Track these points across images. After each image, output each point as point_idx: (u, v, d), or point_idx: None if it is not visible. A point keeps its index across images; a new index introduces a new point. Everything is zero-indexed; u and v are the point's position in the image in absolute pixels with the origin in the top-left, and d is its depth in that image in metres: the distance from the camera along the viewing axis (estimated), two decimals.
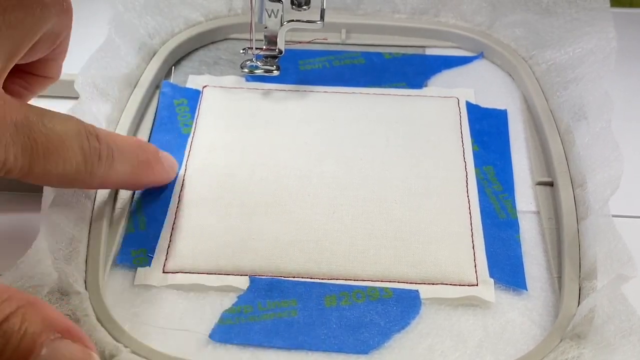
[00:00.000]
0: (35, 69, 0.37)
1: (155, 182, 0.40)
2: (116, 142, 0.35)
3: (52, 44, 0.35)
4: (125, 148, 0.36)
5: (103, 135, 0.34)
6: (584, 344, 0.33)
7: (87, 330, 0.33)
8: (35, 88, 0.39)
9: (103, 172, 0.34)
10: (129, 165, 0.36)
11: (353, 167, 0.43)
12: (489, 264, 0.38)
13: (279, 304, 0.36)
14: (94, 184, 0.34)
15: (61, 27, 0.35)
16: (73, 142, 0.31)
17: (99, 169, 0.33)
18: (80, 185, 0.34)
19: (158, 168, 0.39)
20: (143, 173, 0.38)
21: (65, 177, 0.32)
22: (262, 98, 0.48)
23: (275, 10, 0.45)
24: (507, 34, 0.52)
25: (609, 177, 0.38)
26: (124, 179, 0.36)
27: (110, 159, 0.34)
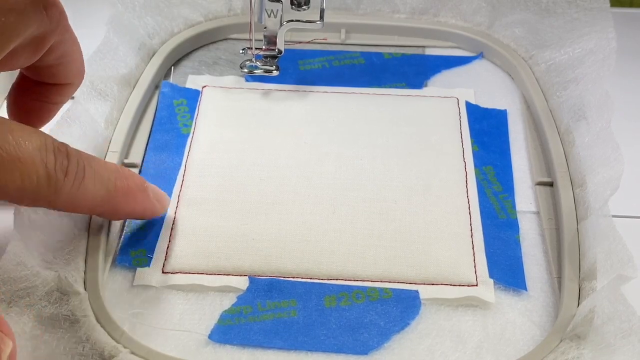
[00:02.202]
0: (44, 77, 0.36)
1: (137, 212, 0.37)
2: (91, 163, 0.32)
3: (36, 49, 0.33)
4: (101, 170, 0.33)
5: (75, 153, 0.31)
6: (584, 345, 0.33)
7: (87, 331, 0.33)
8: (55, 97, 0.37)
9: (70, 191, 0.31)
10: (103, 188, 0.33)
11: (353, 167, 0.43)
12: (488, 264, 0.38)
13: (278, 304, 0.36)
14: (59, 203, 0.31)
15: (45, 31, 0.33)
16: (34, 156, 0.29)
17: (65, 187, 0.30)
18: (44, 203, 0.31)
19: (141, 197, 0.36)
20: (121, 200, 0.34)
21: (25, 193, 0.29)
22: (262, 98, 0.48)
23: (275, 10, 0.45)
24: (507, 34, 0.52)
25: (609, 177, 0.38)
26: (96, 202, 0.33)
27: (80, 178, 0.31)
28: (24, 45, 0.32)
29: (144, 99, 0.47)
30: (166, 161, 0.44)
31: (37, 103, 0.37)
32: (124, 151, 0.44)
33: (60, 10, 0.33)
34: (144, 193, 0.36)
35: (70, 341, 0.33)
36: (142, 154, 0.44)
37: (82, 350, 0.33)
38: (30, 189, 0.29)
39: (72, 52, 0.36)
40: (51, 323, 0.34)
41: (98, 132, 0.43)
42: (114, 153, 0.43)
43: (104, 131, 0.43)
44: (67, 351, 0.32)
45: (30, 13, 0.31)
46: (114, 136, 0.44)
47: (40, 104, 0.37)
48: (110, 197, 0.33)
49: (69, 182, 0.31)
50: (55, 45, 0.34)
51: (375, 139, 0.44)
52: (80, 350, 0.33)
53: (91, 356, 0.32)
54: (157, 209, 0.37)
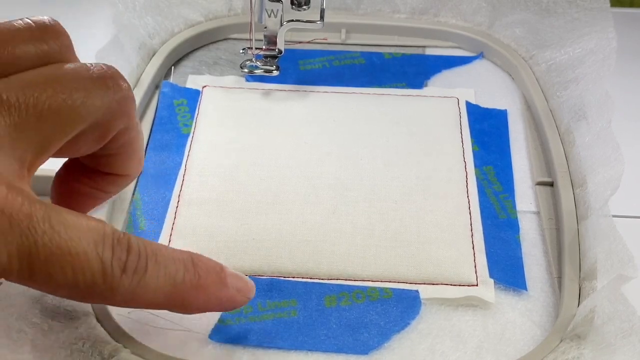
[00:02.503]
0: (101, 165, 0.33)
1: (212, 306, 0.31)
2: (157, 254, 0.28)
3: (100, 138, 0.30)
4: (168, 262, 0.29)
5: (137, 245, 0.28)
6: (584, 345, 0.33)
7: (87, 329, 0.33)
8: (108, 187, 0.34)
9: (129, 289, 0.27)
10: (169, 283, 0.29)
11: (353, 167, 0.43)
12: (489, 264, 0.38)
13: (278, 304, 0.36)
14: (117, 301, 0.27)
15: (112, 118, 0.30)
16: (89, 249, 0.26)
17: (122, 284, 0.27)
18: (100, 300, 0.27)
19: (215, 291, 0.30)
20: (191, 295, 0.30)
21: (78, 290, 0.26)
22: (262, 98, 0.48)
23: (275, 10, 0.45)
24: (507, 34, 0.52)
25: (609, 177, 0.38)
26: (161, 299, 0.29)
27: (141, 273, 0.28)
28: (88, 132, 0.29)
29: (144, 99, 0.47)
30: (166, 161, 0.44)
31: (86, 189, 0.34)
32: None
33: (128, 95, 0.30)
34: (219, 285, 0.31)
35: (70, 336, 0.33)
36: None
37: (82, 346, 0.33)
38: (83, 285, 0.26)
39: (135, 142, 0.33)
40: (52, 315, 0.34)
41: None
42: None
43: None
44: (67, 345, 0.32)
45: (98, 94, 0.28)
46: None
47: (89, 191, 0.34)
48: (177, 293, 0.29)
49: (127, 279, 0.27)
50: (120, 133, 0.31)
51: (376, 139, 0.44)
52: (80, 346, 0.33)
53: (91, 354, 0.32)
54: (237, 301, 0.32)
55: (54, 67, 0.28)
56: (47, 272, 0.25)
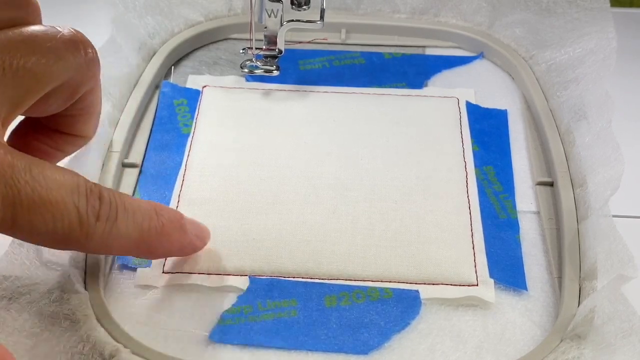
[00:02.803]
0: (61, 125, 0.35)
1: (174, 251, 0.35)
2: (125, 203, 0.31)
3: (68, 97, 0.32)
4: (135, 210, 0.31)
5: (107, 195, 0.30)
6: (585, 345, 0.33)
7: (87, 330, 0.33)
8: (65, 147, 0.36)
9: (102, 235, 0.30)
10: (136, 230, 0.31)
11: (353, 167, 0.43)
12: (489, 264, 0.38)
13: (278, 304, 0.36)
14: (90, 247, 0.30)
15: (81, 79, 0.32)
16: (66, 198, 0.28)
17: (97, 231, 0.29)
18: (75, 246, 0.30)
19: (177, 236, 0.34)
20: (155, 241, 0.32)
21: (56, 236, 0.28)
22: (262, 98, 0.48)
23: (275, 10, 0.45)
24: (507, 34, 0.52)
25: (609, 177, 0.38)
26: (129, 245, 0.32)
27: (112, 221, 0.30)
28: (58, 91, 0.31)
29: (144, 99, 0.47)
30: (166, 161, 0.44)
31: (44, 147, 0.35)
32: (124, 151, 0.44)
33: (95, 58, 0.32)
34: (180, 231, 0.34)
35: (70, 340, 0.33)
36: (143, 153, 0.44)
37: (83, 349, 0.33)
38: (61, 232, 0.28)
39: (97, 104, 0.34)
40: (51, 321, 0.34)
41: (103, 131, 0.43)
42: (115, 153, 0.43)
43: (107, 130, 0.43)
44: (67, 349, 0.32)
45: (69, 55, 0.30)
46: (115, 136, 0.44)
47: (47, 149, 0.35)
48: (144, 239, 0.32)
49: (101, 226, 0.30)
50: (85, 95, 0.33)
51: (376, 139, 0.44)
52: (81, 349, 0.33)
53: (91, 355, 0.32)
54: (196, 246, 0.36)
55: (30, 28, 0.30)
56: (29, 220, 0.27)
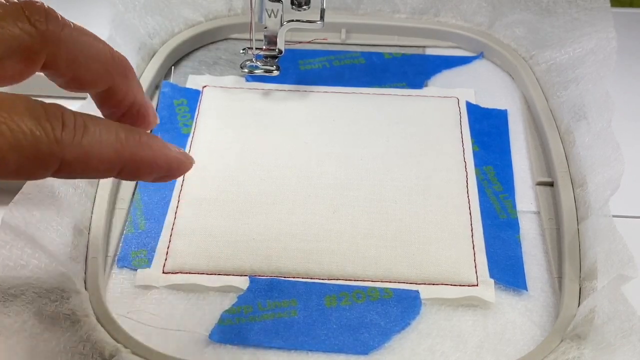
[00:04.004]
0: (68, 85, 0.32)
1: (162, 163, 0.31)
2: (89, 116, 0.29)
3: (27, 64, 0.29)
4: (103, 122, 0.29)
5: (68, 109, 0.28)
6: (585, 345, 0.33)
7: (87, 330, 0.33)
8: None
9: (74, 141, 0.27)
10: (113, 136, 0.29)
11: (353, 167, 0.43)
12: (489, 264, 0.38)
13: (278, 304, 0.36)
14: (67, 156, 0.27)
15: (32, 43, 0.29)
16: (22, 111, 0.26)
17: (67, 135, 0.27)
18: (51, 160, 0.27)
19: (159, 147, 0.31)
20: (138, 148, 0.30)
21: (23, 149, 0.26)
22: (262, 98, 0.48)
23: (275, 10, 0.45)
24: (507, 34, 0.52)
25: (609, 177, 0.38)
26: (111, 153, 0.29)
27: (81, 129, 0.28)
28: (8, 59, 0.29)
29: None
30: None
31: None
32: None
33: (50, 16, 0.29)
34: (160, 143, 0.31)
35: (70, 340, 0.33)
36: None
37: (83, 349, 0.33)
38: (27, 144, 0.26)
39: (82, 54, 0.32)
40: (51, 322, 0.34)
41: None
42: None
43: None
44: (68, 349, 0.32)
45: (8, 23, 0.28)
46: None
47: None
48: (123, 145, 0.29)
49: (70, 132, 0.27)
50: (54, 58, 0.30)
51: (376, 139, 0.44)
52: (81, 349, 0.33)
53: (92, 355, 0.32)
54: (182, 160, 0.32)
55: None
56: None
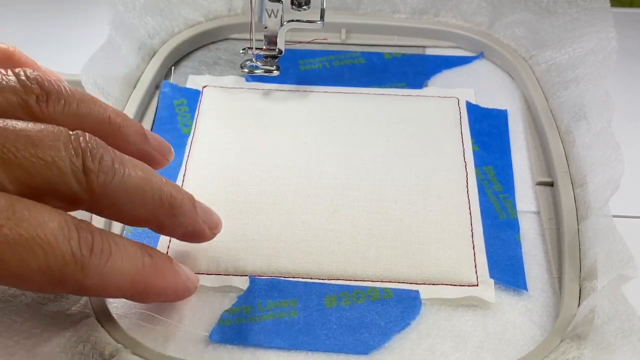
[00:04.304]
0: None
1: (169, 291, 0.33)
2: (115, 239, 0.30)
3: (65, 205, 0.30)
4: (126, 246, 0.31)
5: (98, 230, 0.29)
6: (585, 345, 0.33)
7: (88, 330, 0.33)
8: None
9: (98, 269, 0.29)
10: (132, 264, 0.30)
11: (353, 167, 0.43)
12: (489, 264, 0.38)
13: (279, 304, 0.36)
14: (87, 282, 0.28)
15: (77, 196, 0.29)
16: (56, 232, 0.27)
17: (92, 264, 0.28)
18: (72, 284, 0.28)
19: (170, 275, 0.33)
20: (151, 277, 0.31)
21: (50, 274, 0.27)
22: (262, 98, 0.48)
23: (275, 10, 0.45)
24: (507, 33, 0.52)
25: (609, 177, 0.38)
26: (126, 281, 0.30)
27: (107, 254, 0.29)
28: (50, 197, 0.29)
29: (144, 99, 0.47)
30: None
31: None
32: None
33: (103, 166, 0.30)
34: (173, 271, 0.33)
35: (70, 340, 0.33)
36: None
37: (83, 349, 0.33)
38: (55, 268, 0.27)
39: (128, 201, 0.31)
40: (51, 322, 0.34)
41: None
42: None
43: None
44: (67, 349, 0.32)
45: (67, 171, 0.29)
46: None
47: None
48: (140, 275, 0.31)
49: (96, 259, 0.28)
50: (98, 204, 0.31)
51: (376, 139, 0.44)
52: (81, 349, 0.33)
53: (92, 356, 0.32)
54: (190, 289, 0.34)
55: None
56: (19, 257, 0.26)
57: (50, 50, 0.53)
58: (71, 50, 0.53)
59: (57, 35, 0.54)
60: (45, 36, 0.54)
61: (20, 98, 0.30)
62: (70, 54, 0.52)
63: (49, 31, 0.55)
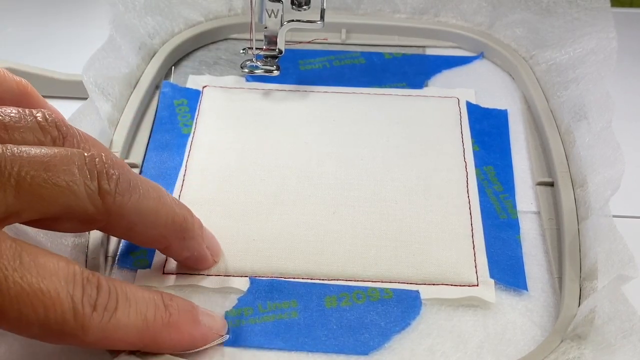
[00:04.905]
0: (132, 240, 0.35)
1: (184, 346, 0.31)
2: (127, 292, 0.29)
3: (82, 227, 0.30)
4: (138, 299, 0.29)
5: (107, 283, 0.29)
6: (585, 345, 0.33)
7: None
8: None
9: (99, 326, 0.28)
10: (140, 319, 0.29)
11: (353, 167, 0.43)
12: (489, 264, 0.38)
13: (279, 305, 0.36)
14: (88, 340, 0.27)
15: (94, 216, 0.29)
16: (59, 287, 0.26)
17: (93, 322, 0.27)
18: (71, 340, 0.27)
19: (187, 328, 0.31)
20: (162, 333, 0.30)
21: (49, 329, 0.27)
22: (262, 98, 0.48)
23: (276, 10, 0.45)
24: (508, 33, 0.52)
25: (609, 177, 0.38)
26: (132, 337, 0.29)
27: (111, 311, 0.28)
28: (67, 221, 0.29)
29: (144, 99, 0.47)
30: (167, 161, 0.44)
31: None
32: (124, 151, 0.44)
33: (120, 187, 0.29)
34: (191, 322, 0.32)
35: None
36: (143, 154, 0.44)
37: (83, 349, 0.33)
38: (54, 323, 0.26)
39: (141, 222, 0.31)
40: None
41: (104, 132, 0.43)
42: (115, 153, 0.43)
43: (108, 130, 0.43)
44: (68, 349, 0.32)
45: (82, 195, 0.28)
46: (115, 136, 0.44)
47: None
48: (149, 330, 0.30)
49: (98, 317, 0.28)
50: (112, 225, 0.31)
51: (376, 139, 0.44)
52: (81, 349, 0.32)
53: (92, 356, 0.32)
54: (209, 339, 0.33)
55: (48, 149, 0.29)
56: (18, 309, 0.26)
57: (51, 50, 0.53)
58: (71, 50, 0.53)
59: (57, 35, 0.54)
60: (45, 36, 0.54)
61: (37, 138, 0.30)
62: (70, 54, 0.52)
63: (49, 31, 0.55)
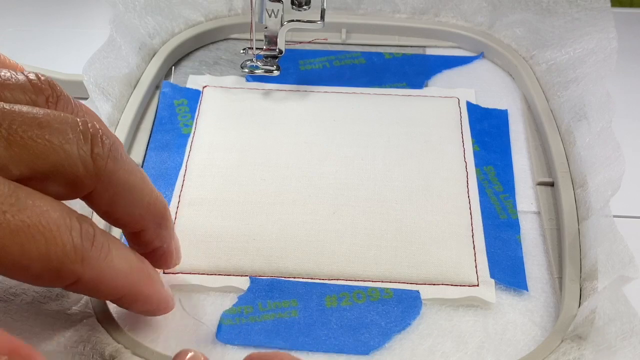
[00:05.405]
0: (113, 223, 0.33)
1: (153, 300, 0.33)
2: (112, 238, 0.30)
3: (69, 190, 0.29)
4: (123, 247, 0.31)
5: (99, 228, 0.29)
6: (585, 345, 0.33)
7: (88, 330, 0.33)
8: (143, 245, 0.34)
9: (97, 263, 0.28)
10: (127, 264, 0.30)
11: (353, 167, 0.43)
12: (489, 264, 0.38)
13: (279, 305, 0.36)
14: (85, 275, 0.28)
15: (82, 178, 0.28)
16: (59, 221, 0.27)
17: (92, 257, 0.28)
18: (68, 276, 0.27)
19: (158, 286, 0.33)
20: (142, 280, 0.31)
21: (50, 263, 0.26)
22: (263, 98, 0.48)
23: (276, 10, 0.45)
24: (508, 33, 0.52)
25: (610, 177, 0.38)
26: (120, 280, 0.30)
27: (107, 250, 0.29)
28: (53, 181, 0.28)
29: (144, 99, 0.47)
30: (167, 161, 0.44)
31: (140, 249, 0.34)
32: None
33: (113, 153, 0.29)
34: (159, 281, 0.33)
35: (71, 340, 0.33)
36: (143, 154, 0.44)
37: (83, 349, 0.33)
38: (55, 258, 0.26)
39: (125, 196, 0.31)
40: (51, 321, 0.34)
41: None
42: None
43: None
44: (67, 349, 0.32)
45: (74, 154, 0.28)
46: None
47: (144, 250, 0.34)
48: (133, 277, 0.31)
49: (96, 252, 0.28)
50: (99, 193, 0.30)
51: (376, 139, 0.44)
52: (81, 349, 0.33)
53: (92, 356, 0.32)
54: (169, 303, 0.34)
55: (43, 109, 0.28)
56: (20, 243, 0.26)
57: (51, 50, 0.53)
58: (71, 50, 0.53)
59: (57, 35, 0.54)
60: (45, 36, 0.54)
61: (29, 97, 0.29)
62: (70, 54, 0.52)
63: (49, 31, 0.55)
